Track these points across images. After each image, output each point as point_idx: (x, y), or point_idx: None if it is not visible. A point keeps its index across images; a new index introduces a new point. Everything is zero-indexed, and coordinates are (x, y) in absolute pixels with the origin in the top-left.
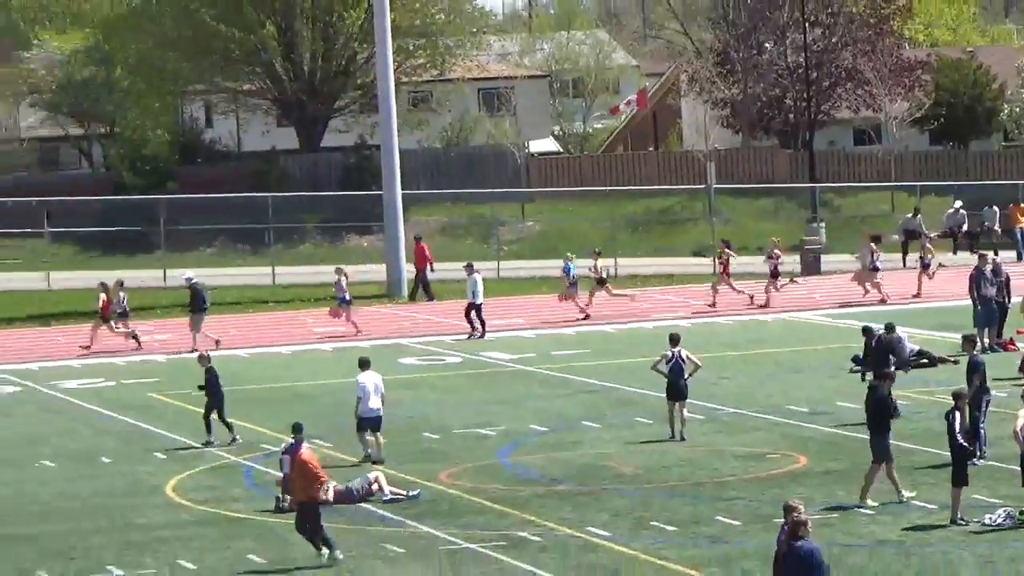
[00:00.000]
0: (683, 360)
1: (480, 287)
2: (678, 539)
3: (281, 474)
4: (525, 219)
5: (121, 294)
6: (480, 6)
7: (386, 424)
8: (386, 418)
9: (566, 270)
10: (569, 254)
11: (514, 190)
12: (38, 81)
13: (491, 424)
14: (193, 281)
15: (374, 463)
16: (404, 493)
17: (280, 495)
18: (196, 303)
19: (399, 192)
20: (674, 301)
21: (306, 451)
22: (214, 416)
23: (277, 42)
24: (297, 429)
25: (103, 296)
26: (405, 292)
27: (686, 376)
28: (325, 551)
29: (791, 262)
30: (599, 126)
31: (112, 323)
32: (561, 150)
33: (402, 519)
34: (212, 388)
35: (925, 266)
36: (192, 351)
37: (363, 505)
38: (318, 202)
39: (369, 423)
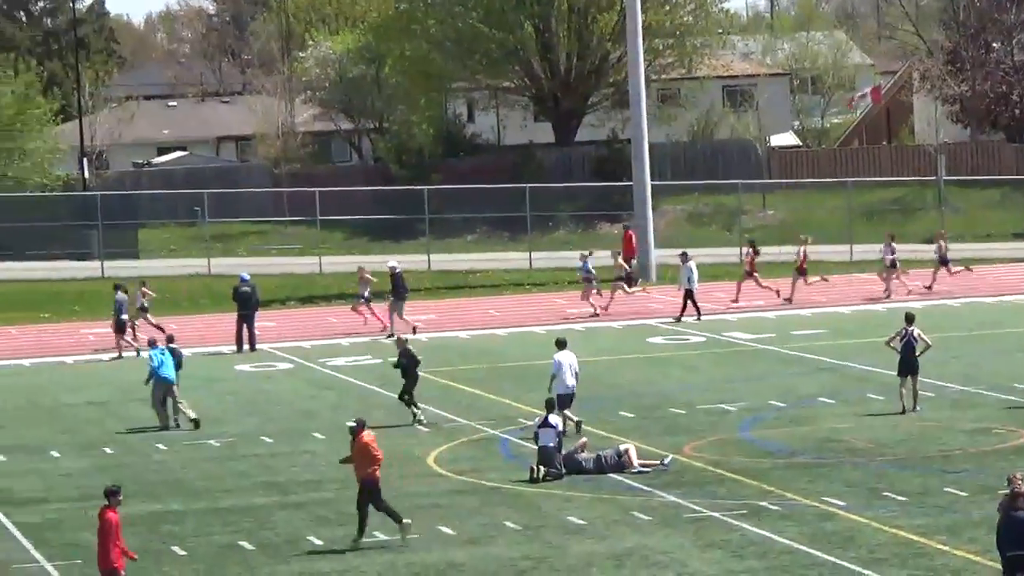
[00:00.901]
0: (915, 339)
1: (695, 274)
2: (908, 508)
3: (536, 447)
4: (766, 208)
5: (141, 291)
6: (726, 8)
7: (635, 400)
8: (635, 394)
9: (584, 268)
10: (584, 252)
11: (756, 181)
12: (312, 79)
13: (733, 400)
14: (397, 270)
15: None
16: (657, 463)
17: (534, 465)
18: (397, 290)
19: (648, 183)
20: (908, 285)
21: (367, 435)
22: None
23: (535, 42)
24: (549, 405)
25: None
26: (653, 277)
27: (917, 353)
28: (406, 521)
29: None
30: (836, 121)
31: (135, 321)
32: (800, 144)
33: (649, 488)
34: (407, 370)
35: None
36: (390, 336)
37: (612, 475)
38: (572, 192)
39: (564, 400)
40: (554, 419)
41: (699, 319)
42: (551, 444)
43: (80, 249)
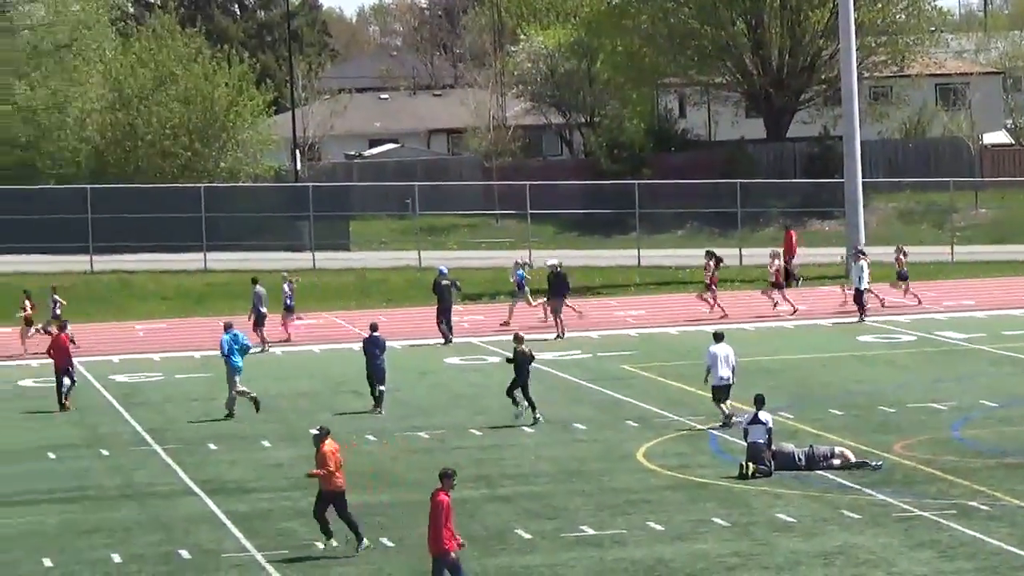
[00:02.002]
0: None
1: (866, 273)
2: None
3: (745, 443)
4: (978, 207)
5: (55, 297)
6: (938, 6)
7: (845, 398)
8: (845, 393)
9: (519, 276)
10: (519, 260)
11: (968, 179)
12: (523, 73)
13: (943, 399)
14: (558, 268)
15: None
16: (869, 462)
17: (744, 462)
18: (556, 288)
19: (859, 180)
20: None
21: (328, 444)
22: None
23: (747, 39)
24: (759, 401)
25: (28, 303)
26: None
27: None
28: (365, 541)
29: None
30: None
31: (38, 327)
32: (1013, 142)
33: (859, 487)
34: (519, 367)
35: None
36: (558, 337)
37: (822, 473)
38: (783, 188)
39: (719, 391)
40: (764, 415)
41: (861, 320)
42: (761, 440)
43: (292, 240)
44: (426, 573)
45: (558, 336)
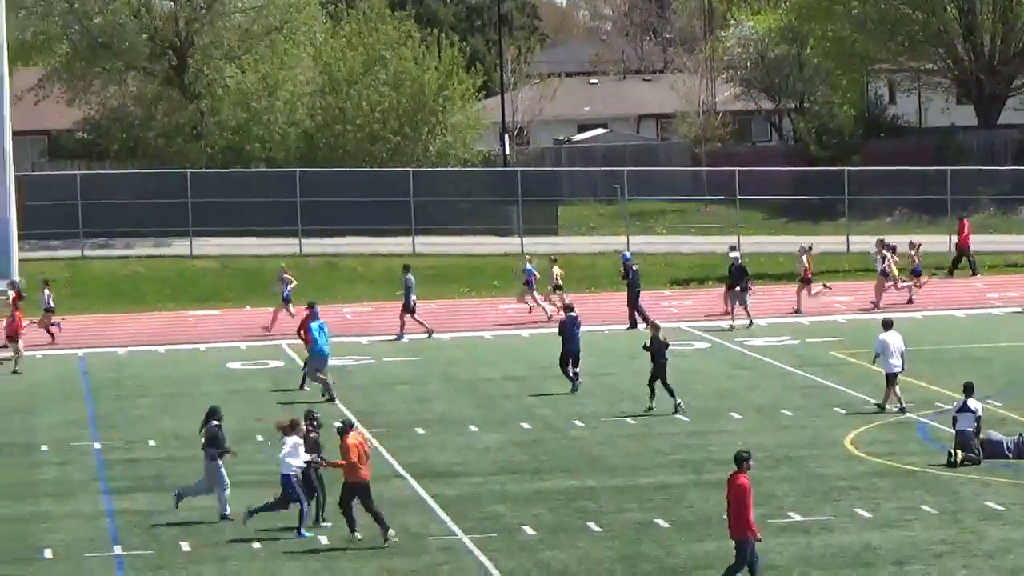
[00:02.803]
0: None
1: None
2: None
3: (953, 431)
4: None
5: (46, 292)
6: None
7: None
8: None
9: (527, 271)
10: (527, 255)
11: None
12: (733, 58)
13: None
14: (739, 261)
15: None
16: None
17: (952, 450)
18: (737, 279)
19: None
20: None
21: (352, 436)
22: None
23: (958, 25)
24: (968, 389)
25: (11, 293)
26: None
27: None
28: (391, 533)
29: None
30: None
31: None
32: None
33: None
34: (655, 355)
35: None
36: (729, 328)
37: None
38: (993, 176)
39: (891, 378)
40: (973, 403)
41: None
42: (969, 429)
43: (500, 224)
44: (631, 558)
45: (730, 327)
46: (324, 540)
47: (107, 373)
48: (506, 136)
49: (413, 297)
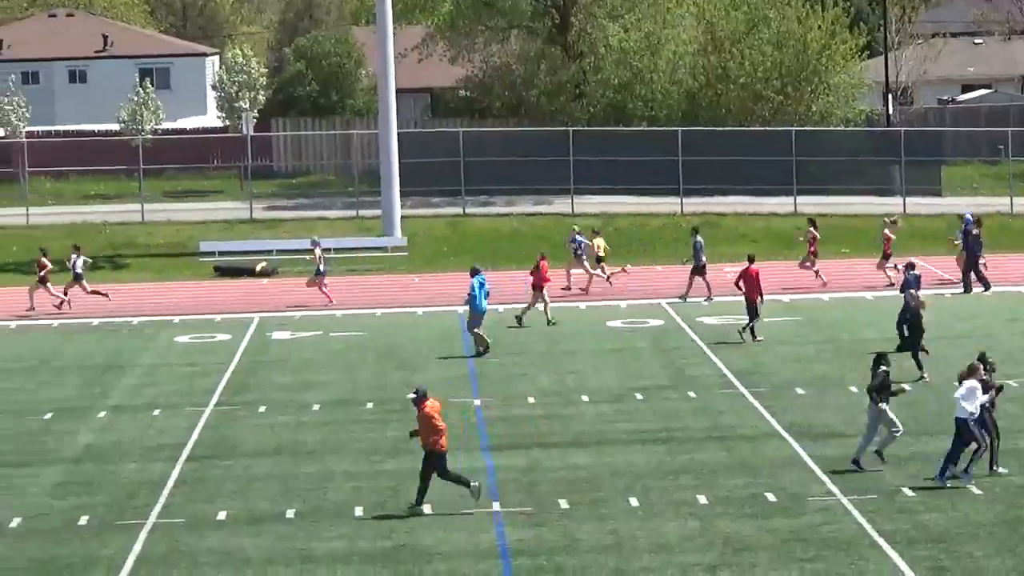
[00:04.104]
0: None
1: None
2: None
3: None
4: None
5: (75, 257)
6: None
7: None
8: None
9: (575, 241)
10: (575, 227)
11: None
12: None
13: None
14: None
15: None
16: None
17: None
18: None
19: None
20: None
21: (430, 405)
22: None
23: None
24: None
25: (44, 259)
26: None
27: None
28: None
29: None
30: None
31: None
32: None
33: None
34: (911, 327)
35: None
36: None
37: None
38: None
39: None
40: None
41: None
42: None
43: (882, 184)
44: (1011, 522)
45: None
46: (702, 499)
47: (487, 328)
48: (889, 96)
49: (703, 257)
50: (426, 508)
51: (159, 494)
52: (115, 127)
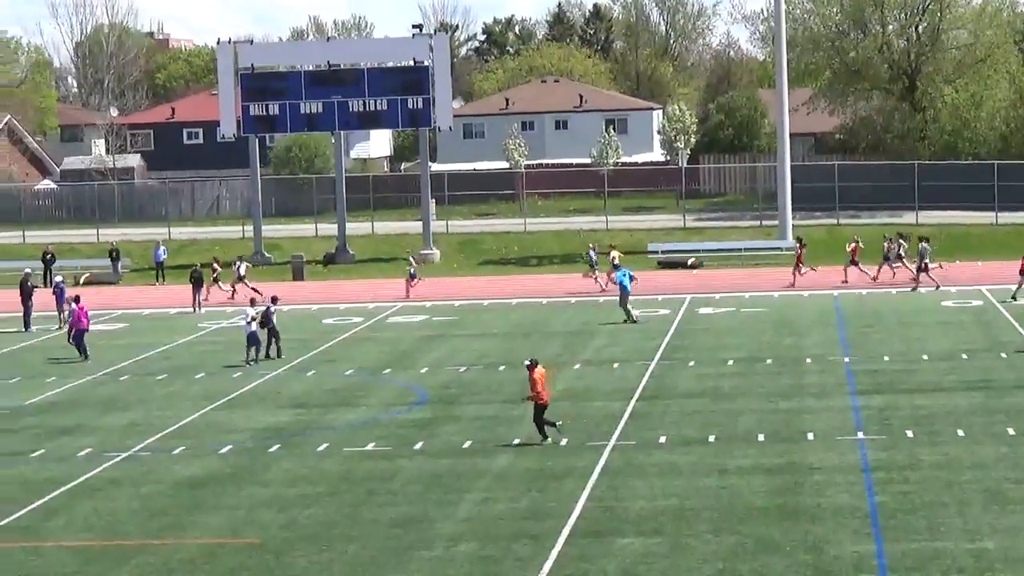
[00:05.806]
0: None
1: None
2: None
3: None
4: None
5: (239, 264)
6: None
7: None
8: None
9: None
10: (592, 244)
11: None
12: None
13: None
14: None
15: None
16: None
17: None
18: None
19: None
20: None
21: (539, 371)
22: None
23: None
24: None
25: (215, 265)
26: None
27: None
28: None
29: None
30: None
31: (220, 284)
32: None
33: None
34: None
35: None
36: None
37: None
38: None
39: None
40: None
41: None
42: None
43: None
44: None
45: None
46: (1011, 431)
47: (852, 308)
48: None
49: (926, 260)
50: (809, 435)
51: (617, 424)
52: (587, 160)
